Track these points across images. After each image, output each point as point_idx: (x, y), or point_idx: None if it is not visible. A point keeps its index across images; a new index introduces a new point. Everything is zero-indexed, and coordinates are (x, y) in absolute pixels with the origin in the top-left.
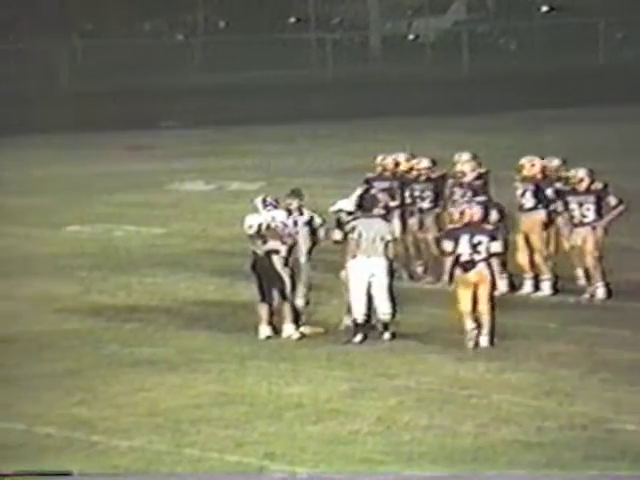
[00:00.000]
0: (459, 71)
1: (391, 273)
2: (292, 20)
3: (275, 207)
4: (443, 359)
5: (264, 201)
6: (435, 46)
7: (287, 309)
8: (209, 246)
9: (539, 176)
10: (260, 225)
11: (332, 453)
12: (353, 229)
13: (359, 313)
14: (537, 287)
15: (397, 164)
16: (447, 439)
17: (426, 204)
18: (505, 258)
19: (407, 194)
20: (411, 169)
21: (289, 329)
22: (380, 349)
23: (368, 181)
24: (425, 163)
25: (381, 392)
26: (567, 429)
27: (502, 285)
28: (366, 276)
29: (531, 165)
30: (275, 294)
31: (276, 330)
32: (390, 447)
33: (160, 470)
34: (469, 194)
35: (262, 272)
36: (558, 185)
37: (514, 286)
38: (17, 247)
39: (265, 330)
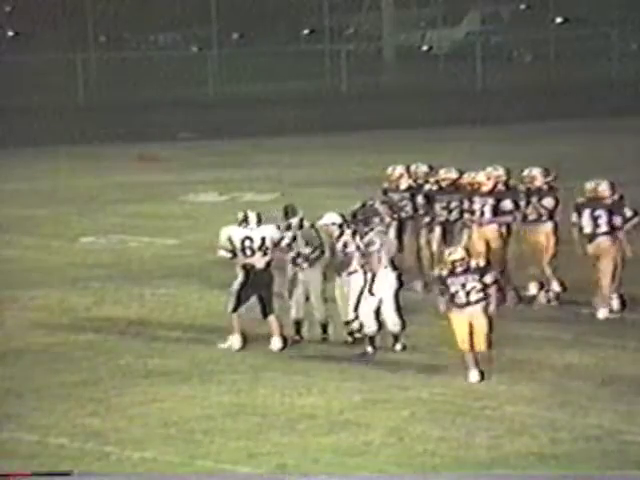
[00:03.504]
0: (473, 82)
1: (400, 285)
2: (306, 31)
3: (259, 222)
4: (456, 370)
5: (245, 218)
6: (449, 57)
7: (274, 322)
8: (223, 257)
9: (544, 187)
10: (246, 239)
11: (345, 464)
12: (371, 243)
13: (370, 326)
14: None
15: (404, 175)
16: (460, 451)
17: (451, 216)
18: (510, 270)
19: (422, 205)
20: (427, 180)
21: (277, 342)
22: (393, 360)
23: (385, 192)
24: (446, 173)
25: (394, 403)
26: (581, 441)
27: (510, 298)
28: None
29: (532, 177)
30: (256, 307)
31: (286, 342)
32: (403, 459)
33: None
34: (491, 201)
35: (249, 286)
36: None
37: (520, 298)
38: (31, 258)
39: (237, 341)
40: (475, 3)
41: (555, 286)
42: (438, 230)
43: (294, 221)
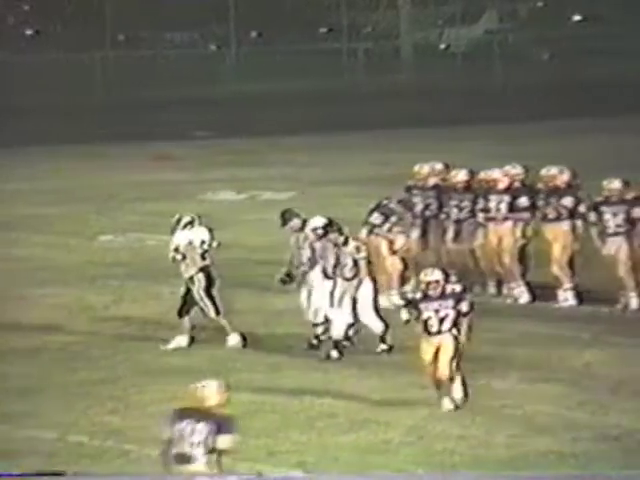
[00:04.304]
0: (490, 80)
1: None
2: (324, 30)
3: (192, 226)
4: (475, 369)
5: (179, 221)
6: (466, 55)
7: (223, 320)
8: (240, 255)
9: (562, 186)
10: (190, 243)
11: (364, 463)
12: (359, 249)
13: (377, 327)
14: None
15: (435, 173)
16: (480, 450)
17: (463, 214)
18: (524, 267)
19: (443, 204)
20: (445, 179)
21: (234, 339)
22: (412, 359)
23: (409, 189)
24: (463, 174)
25: (413, 402)
26: (601, 440)
27: (524, 295)
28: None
29: (551, 175)
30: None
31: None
32: (422, 457)
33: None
34: (507, 198)
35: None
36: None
37: (535, 296)
38: (50, 256)
39: (184, 340)
40: (493, 1)
41: (572, 285)
42: (452, 229)
43: (295, 224)
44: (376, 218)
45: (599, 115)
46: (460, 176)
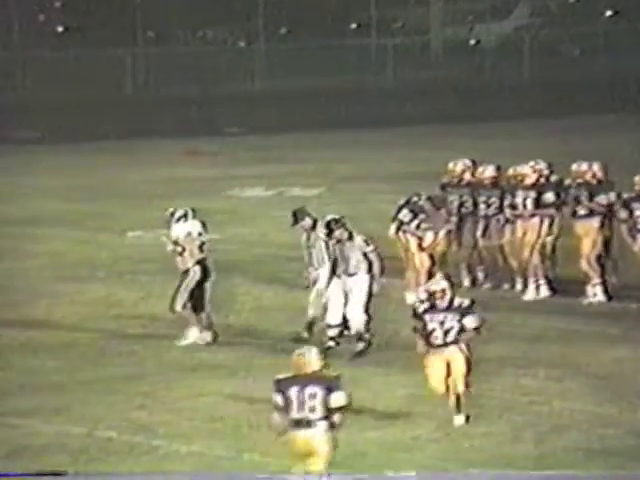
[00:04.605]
0: (520, 76)
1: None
2: (353, 26)
3: (186, 219)
4: (503, 365)
5: (172, 214)
6: (496, 51)
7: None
8: (268, 252)
9: (593, 182)
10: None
11: (392, 459)
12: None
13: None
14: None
15: (466, 170)
16: (507, 446)
17: (491, 210)
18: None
19: (473, 200)
20: (474, 175)
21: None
22: None
23: (444, 187)
24: (491, 170)
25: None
26: (630, 436)
27: (544, 290)
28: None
29: (582, 171)
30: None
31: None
32: (449, 454)
33: (219, 476)
34: (533, 194)
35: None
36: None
37: (555, 291)
38: (79, 252)
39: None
40: None
41: (601, 281)
42: (481, 225)
43: (307, 223)
44: (405, 215)
45: (630, 111)
46: (488, 172)
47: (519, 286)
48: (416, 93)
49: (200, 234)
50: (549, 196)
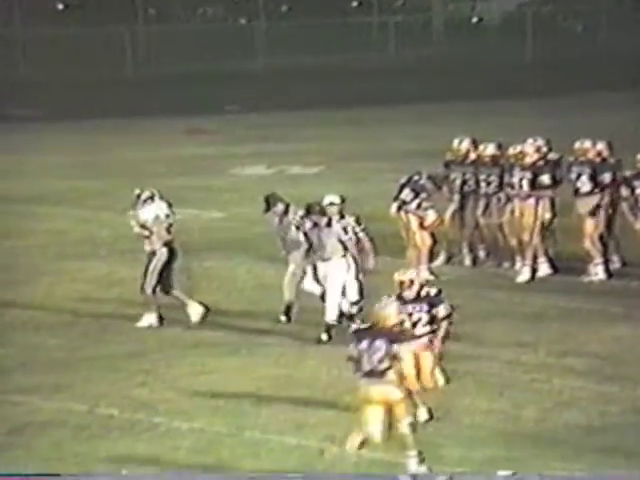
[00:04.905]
0: (523, 54)
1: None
2: (354, 3)
3: (152, 201)
4: (504, 343)
5: (139, 196)
6: (499, 29)
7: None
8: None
9: (596, 160)
10: (152, 219)
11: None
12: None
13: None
14: (585, 271)
15: (470, 148)
16: (508, 424)
17: (491, 189)
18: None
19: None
20: (479, 154)
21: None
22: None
23: (448, 164)
24: (492, 147)
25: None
26: (630, 413)
27: (545, 268)
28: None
29: (585, 148)
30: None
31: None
32: (450, 431)
33: (221, 453)
34: (528, 175)
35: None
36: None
37: (556, 269)
38: (80, 230)
39: (154, 319)
40: None
41: (603, 260)
42: (482, 203)
43: (279, 208)
44: (407, 195)
45: (634, 89)
46: (488, 150)
47: (519, 265)
48: (418, 71)
49: (167, 216)
50: (545, 178)
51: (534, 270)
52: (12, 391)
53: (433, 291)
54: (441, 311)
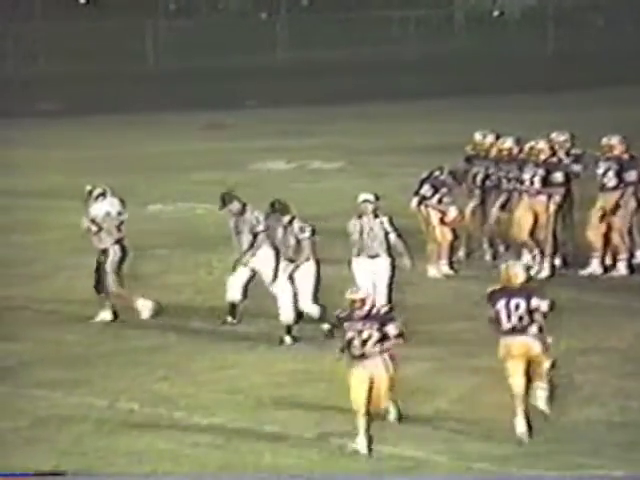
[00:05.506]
0: (544, 48)
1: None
2: None
3: (104, 197)
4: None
5: (90, 193)
6: (520, 22)
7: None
8: None
9: (624, 156)
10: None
11: (411, 431)
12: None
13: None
14: (605, 266)
15: (493, 143)
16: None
17: (512, 184)
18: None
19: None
20: (498, 149)
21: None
22: (462, 329)
23: (469, 159)
24: (509, 142)
25: (462, 371)
26: None
27: (559, 265)
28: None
29: (612, 144)
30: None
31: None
32: (471, 426)
33: (240, 447)
34: (541, 172)
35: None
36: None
37: (566, 262)
38: None
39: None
40: None
41: (627, 256)
42: (502, 198)
43: (235, 207)
44: (427, 190)
45: None
46: (507, 144)
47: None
48: (439, 65)
49: (120, 213)
50: (558, 176)
51: (553, 266)
52: (32, 385)
53: (385, 308)
54: (393, 329)
